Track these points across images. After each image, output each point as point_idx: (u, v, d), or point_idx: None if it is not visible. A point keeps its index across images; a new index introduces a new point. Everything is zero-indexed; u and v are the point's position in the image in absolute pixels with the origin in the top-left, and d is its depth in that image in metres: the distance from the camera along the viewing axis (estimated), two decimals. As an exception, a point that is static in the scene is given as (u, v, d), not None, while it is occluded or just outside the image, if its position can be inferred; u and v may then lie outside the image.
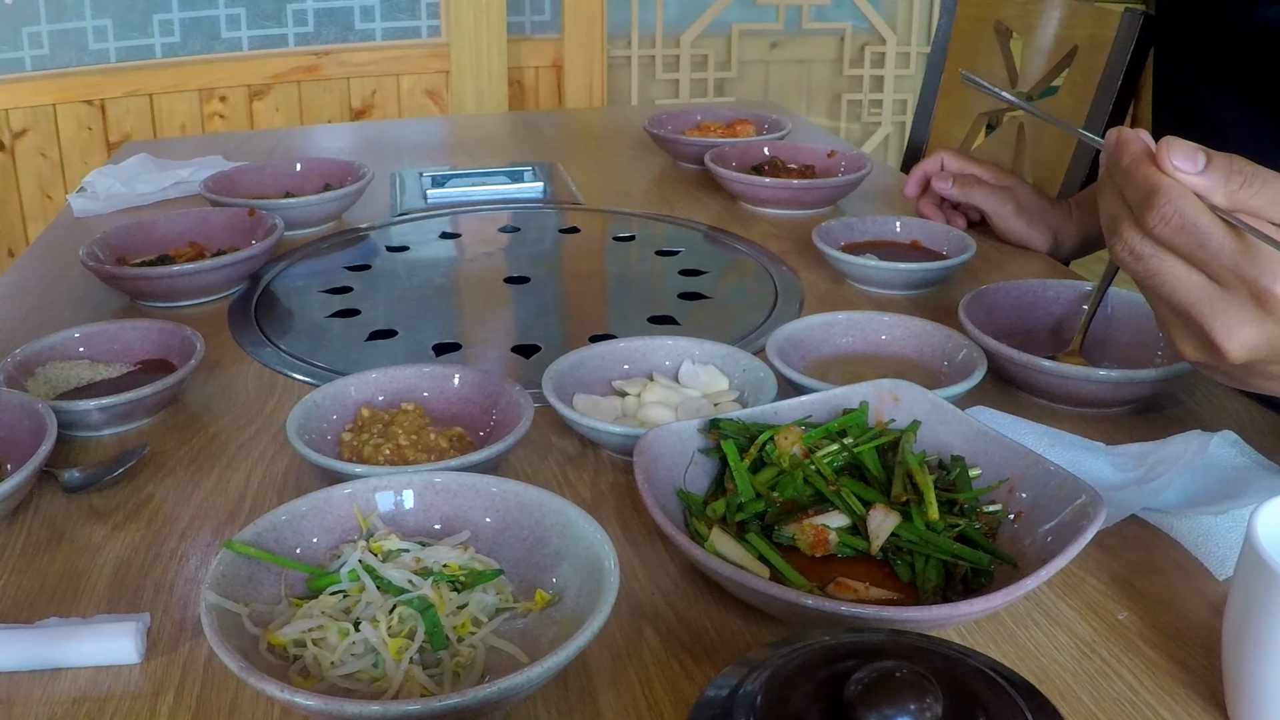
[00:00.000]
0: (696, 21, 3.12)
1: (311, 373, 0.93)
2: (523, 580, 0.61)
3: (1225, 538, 0.66)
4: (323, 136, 1.89)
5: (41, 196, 2.66)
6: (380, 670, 0.54)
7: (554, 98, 2.97)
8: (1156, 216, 0.56)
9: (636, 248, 1.28)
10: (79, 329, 0.90)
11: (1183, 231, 0.56)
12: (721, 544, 0.62)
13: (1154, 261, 0.58)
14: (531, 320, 1.09)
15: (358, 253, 1.24)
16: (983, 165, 1.22)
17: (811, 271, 1.14)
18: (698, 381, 0.83)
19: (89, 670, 0.58)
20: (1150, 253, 0.58)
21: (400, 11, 2.81)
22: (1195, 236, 0.56)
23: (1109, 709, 0.55)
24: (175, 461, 0.79)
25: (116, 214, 1.34)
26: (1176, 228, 0.56)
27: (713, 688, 0.43)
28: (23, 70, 2.56)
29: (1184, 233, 0.56)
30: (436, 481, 0.65)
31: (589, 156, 1.62)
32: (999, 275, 1.12)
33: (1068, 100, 1.47)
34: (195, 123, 2.71)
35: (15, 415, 0.76)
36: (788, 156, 1.44)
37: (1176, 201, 0.56)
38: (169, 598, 0.64)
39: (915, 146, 1.81)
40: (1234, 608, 0.51)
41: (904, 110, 3.31)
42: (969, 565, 0.61)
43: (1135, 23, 1.36)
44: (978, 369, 0.80)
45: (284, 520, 0.61)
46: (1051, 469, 0.64)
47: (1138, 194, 0.58)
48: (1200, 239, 0.56)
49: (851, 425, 0.71)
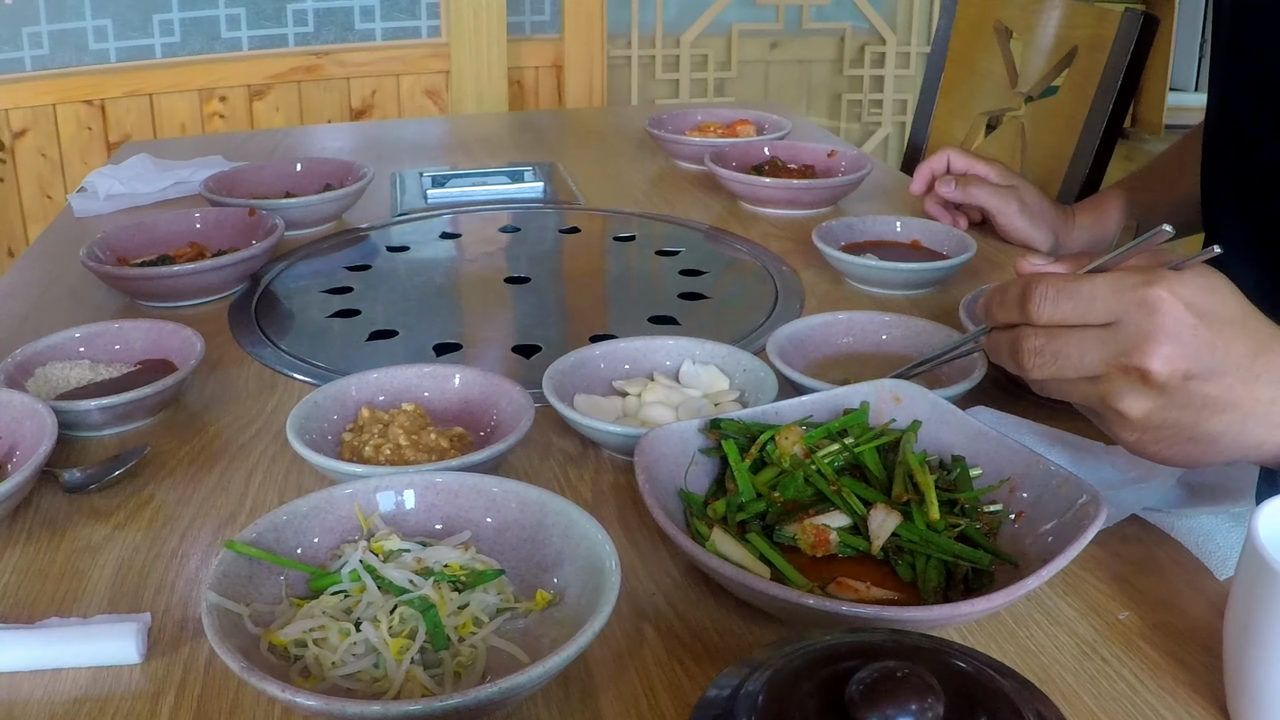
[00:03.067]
0: (696, 21, 3.12)
1: (312, 373, 0.93)
2: (524, 580, 0.61)
3: (1226, 537, 0.66)
4: (323, 136, 1.89)
5: (41, 196, 2.66)
6: (381, 670, 0.54)
7: (554, 98, 2.97)
8: (1036, 298, 0.60)
9: (637, 248, 1.28)
10: (79, 329, 0.90)
11: (1061, 296, 0.60)
12: (722, 544, 0.62)
13: (1053, 343, 0.60)
14: (532, 320, 1.09)
15: (358, 253, 1.24)
16: (988, 164, 1.21)
17: (812, 271, 1.14)
18: (698, 381, 0.83)
19: (90, 670, 0.58)
20: (1045, 340, 0.61)
21: (400, 11, 2.81)
22: (1075, 296, 0.60)
23: (1110, 708, 0.55)
24: (176, 461, 0.79)
25: (116, 214, 1.34)
26: (1055, 297, 0.60)
27: (714, 688, 0.43)
28: (23, 70, 2.56)
29: (1064, 296, 0.60)
30: (437, 481, 0.65)
31: (589, 156, 1.62)
32: (999, 275, 1.12)
33: (1068, 100, 1.47)
34: (195, 123, 2.71)
35: (15, 415, 0.76)
36: (788, 156, 1.44)
37: (1046, 279, 0.60)
38: (170, 598, 0.64)
39: (915, 146, 1.81)
40: (1235, 607, 0.51)
41: (904, 110, 3.31)
42: (970, 565, 0.61)
43: (1135, 23, 1.36)
44: (978, 369, 0.80)
45: (285, 520, 0.61)
46: (1052, 469, 0.64)
47: (1015, 300, 0.62)
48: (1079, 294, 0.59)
49: (852, 425, 0.71)
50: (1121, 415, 0.60)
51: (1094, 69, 1.41)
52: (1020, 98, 1.58)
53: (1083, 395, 0.62)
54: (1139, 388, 0.59)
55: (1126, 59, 1.37)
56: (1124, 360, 0.58)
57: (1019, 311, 0.61)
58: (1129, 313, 0.58)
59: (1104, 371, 0.59)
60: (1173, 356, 0.57)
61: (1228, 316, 0.58)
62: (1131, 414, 0.59)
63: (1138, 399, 0.59)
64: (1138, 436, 0.61)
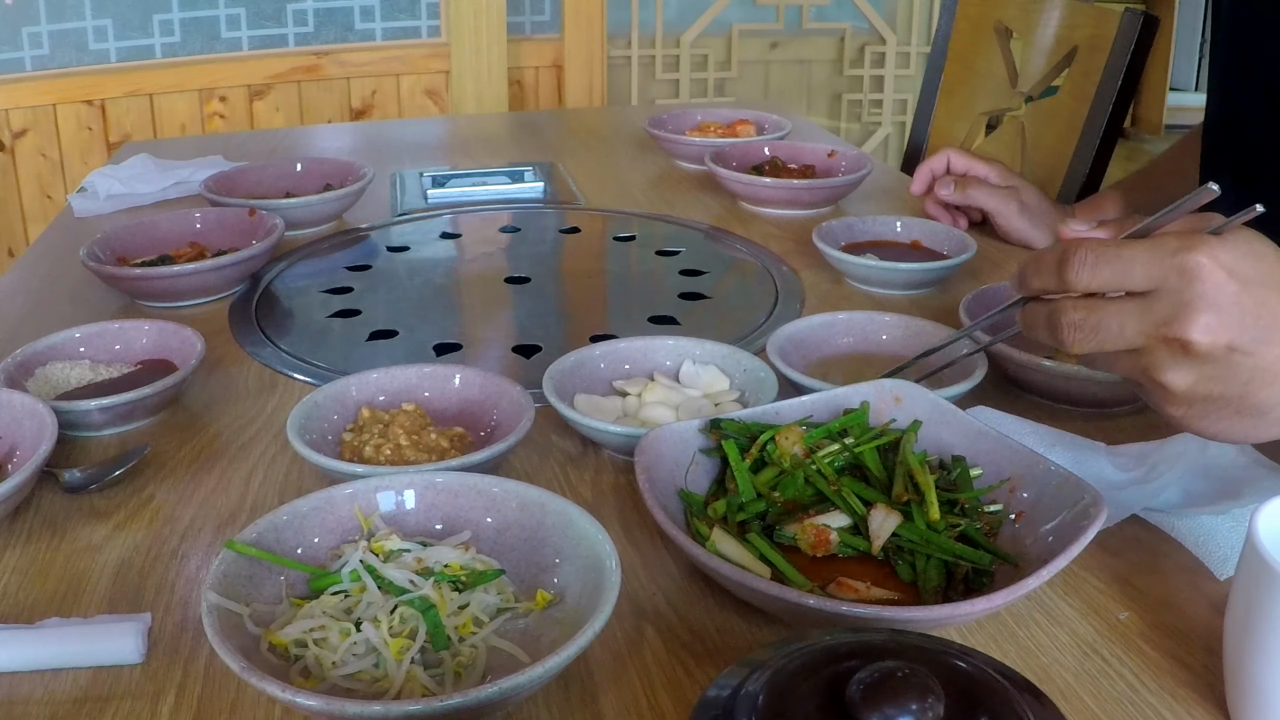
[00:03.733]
0: (696, 21, 3.12)
1: (312, 373, 0.93)
2: (524, 580, 0.61)
3: (1226, 537, 0.66)
4: (323, 136, 1.89)
5: (41, 196, 2.66)
6: (382, 670, 0.54)
7: (554, 98, 2.97)
8: (1075, 264, 0.58)
9: (637, 248, 1.28)
10: (79, 329, 0.90)
11: (1101, 261, 0.58)
12: (723, 544, 0.63)
13: (1093, 316, 0.58)
14: (532, 320, 1.09)
15: (358, 253, 1.24)
16: (989, 164, 1.21)
17: (812, 271, 1.14)
18: (699, 381, 0.83)
19: (90, 670, 0.58)
20: (1085, 313, 0.59)
21: (400, 11, 2.81)
22: (1114, 261, 0.57)
23: (1110, 709, 0.55)
24: (176, 462, 0.79)
25: (116, 214, 1.34)
26: (1094, 262, 0.58)
27: (714, 688, 0.43)
28: (23, 70, 2.56)
29: (1103, 262, 0.58)
30: (438, 481, 0.65)
31: (589, 156, 1.62)
32: (999, 275, 1.12)
33: (1068, 100, 1.47)
34: (195, 123, 2.71)
35: (15, 415, 0.76)
36: (788, 156, 1.44)
37: (1086, 244, 0.58)
38: (170, 598, 0.64)
39: (915, 146, 1.81)
40: (1235, 607, 0.51)
41: (904, 110, 3.31)
42: (970, 565, 0.61)
43: (1135, 23, 1.36)
44: (978, 369, 0.80)
45: (285, 520, 0.61)
46: (1052, 469, 0.64)
47: (1053, 267, 0.59)
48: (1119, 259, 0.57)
49: (852, 425, 0.71)
50: (1165, 389, 0.58)
51: (1094, 69, 1.41)
52: (1020, 98, 1.58)
53: (1125, 369, 0.60)
54: (1181, 359, 0.57)
55: (1126, 59, 1.37)
56: (1164, 331, 0.56)
57: (1056, 278, 0.59)
58: (1168, 280, 0.56)
59: (1145, 343, 0.57)
60: (1214, 326, 0.55)
61: (1273, 282, 0.56)
62: (1175, 387, 0.57)
63: (1180, 371, 0.57)
64: (1184, 411, 0.59)
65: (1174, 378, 0.57)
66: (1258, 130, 0.92)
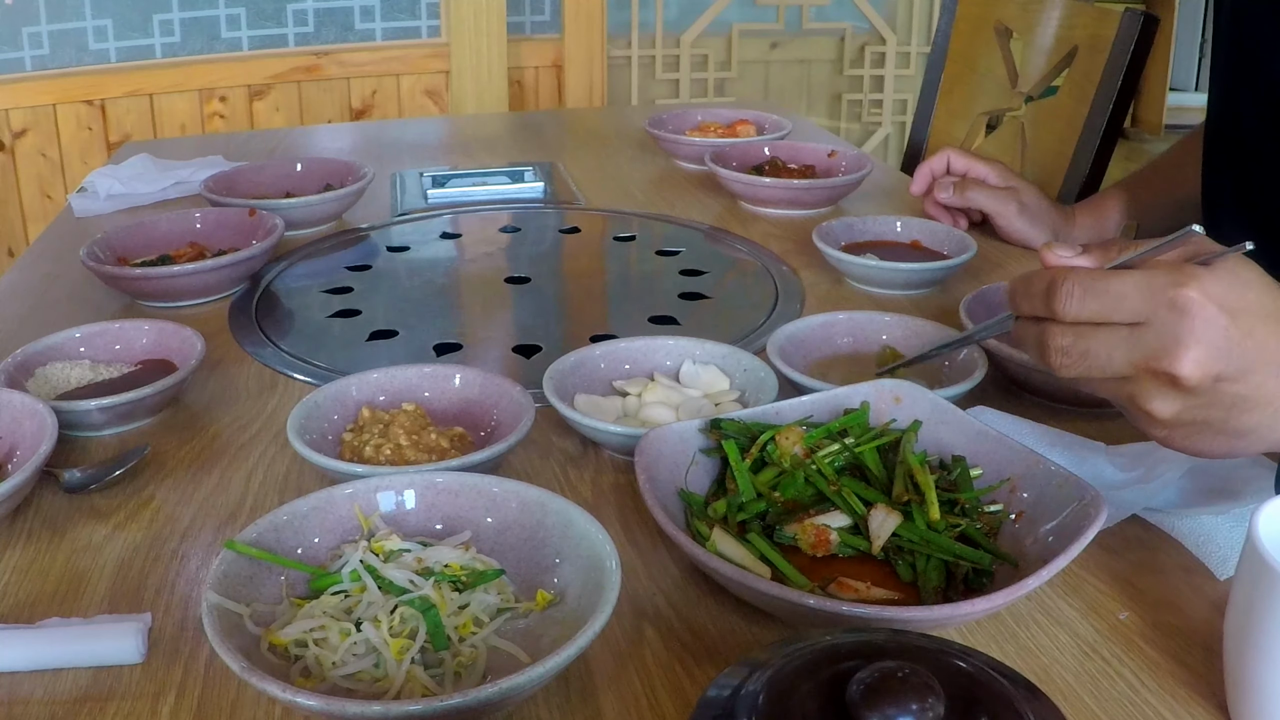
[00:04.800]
0: (696, 21, 3.12)
1: (312, 373, 0.93)
2: (524, 580, 0.61)
3: (1226, 537, 0.66)
4: (323, 136, 1.89)
5: (41, 196, 2.66)
6: (382, 670, 0.54)
7: (554, 98, 2.97)
8: (1062, 296, 0.59)
9: (637, 248, 1.28)
10: (79, 329, 0.90)
11: (1089, 295, 0.58)
12: (723, 544, 0.63)
13: (1081, 342, 0.59)
14: (532, 320, 1.09)
15: (358, 253, 1.24)
16: (989, 164, 1.21)
17: (812, 271, 1.14)
18: (699, 381, 0.83)
19: (90, 670, 0.58)
20: (1073, 339, 0.59)
21: (400, 11, 2.81)
22: (1102, 295, 0.58)
23: (1110, 709, 0.55)
24: (176, 461, 0.79)
25: (116, 214, 1.34)
26: (1080, 295, 0.58)
27: (714, 688, 0.43)
28: (23, 70, 2.56)
29: (1091, 295, 0.58)
30: (438, 481, 0.65)
31: (589, 156, 1.62)
32: (999, 275, 1.12)
33: (1068, 100, 1.47)
34: (195, 123, 2.71)
35: (15, 415, 0.76)
36: (788, 156, 1.44)
37: (1072, 276, 0.59)
38: (170, 598, 0.64)
39: (915, 146, 1.81)
40: (1235, 607, 0.51)
41: (904, 110, 3.31)
42: (970, 565, 0.61)
43: (1135, 23, 1.36)
44: (978, 369, 0.80)
45: (285, 520, 0.61)
46: (1053, 469, 0.64)
47: (1040, 296, 0.60)
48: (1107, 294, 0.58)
49: (853, 425, 0.71)
50: (1150, 415, 0.59)
51: (1094, 69, 1.41)
52: (1020, 98, 1.58)
53: (1110, 393, 0.61)
54: (1168, 390, 0.58)
55: (1126, 59, 1.37)
56: (1153, 364, 0.57)
57: (1044, 306, 0.60)
58: (1158, 314, 0.57)
59: (1133, 373, 0.58)
60: (1203, 360, 0.56)
61: (1261, 312, 0.57)
62: (1160, 415, 0.59)
63: (1167, 401, 0.58)
64: (1166, 433, 0.60)
65: (1160, 406, 0.59)
66: (1258, 130, 0.92)
